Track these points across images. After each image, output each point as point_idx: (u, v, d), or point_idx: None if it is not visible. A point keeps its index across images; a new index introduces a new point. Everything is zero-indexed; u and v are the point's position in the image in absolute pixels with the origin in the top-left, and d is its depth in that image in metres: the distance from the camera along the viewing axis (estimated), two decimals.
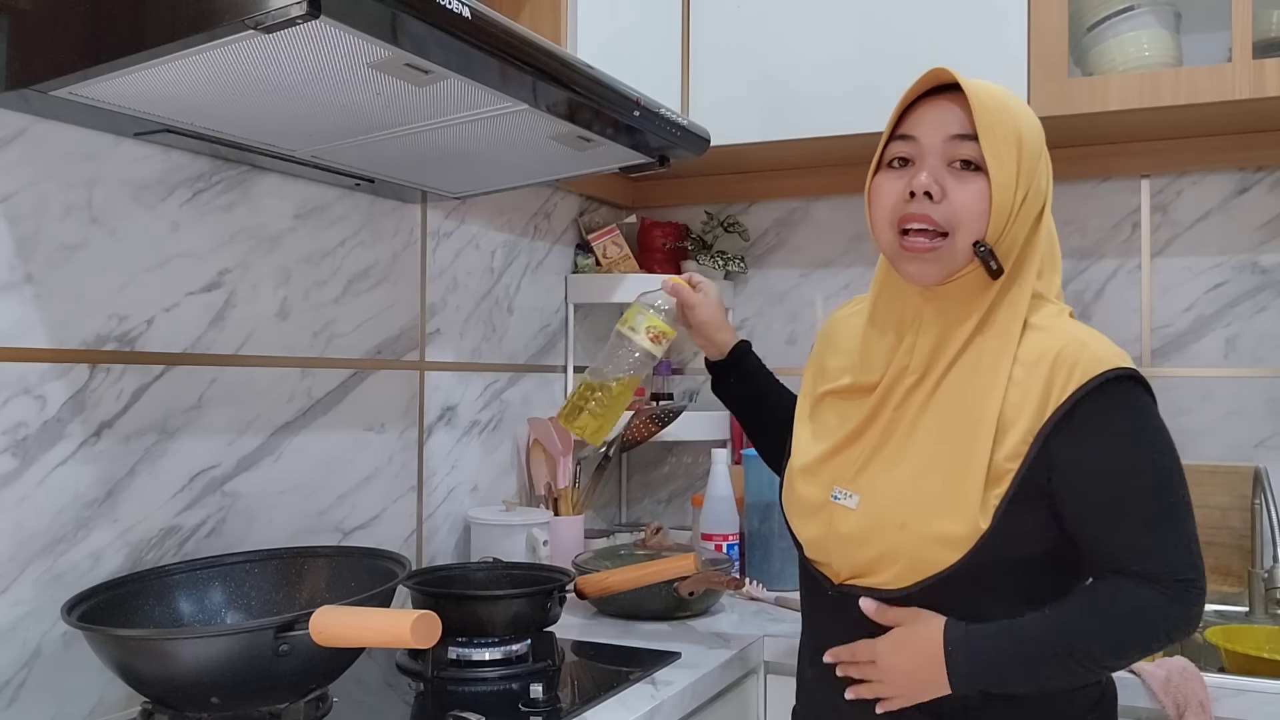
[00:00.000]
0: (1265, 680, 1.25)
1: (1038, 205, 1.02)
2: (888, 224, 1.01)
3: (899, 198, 1.00)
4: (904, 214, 0.99)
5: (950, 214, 0.97)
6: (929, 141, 0.99)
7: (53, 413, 1.09)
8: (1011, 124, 0.97)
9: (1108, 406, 0.95)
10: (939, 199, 0.97)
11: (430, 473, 1.64)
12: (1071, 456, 0.95)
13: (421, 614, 0.88)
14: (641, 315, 1.30)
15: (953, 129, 0.98)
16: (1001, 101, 0.98)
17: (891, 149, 1.02)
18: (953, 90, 1.00)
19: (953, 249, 0.98)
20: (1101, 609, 0.95)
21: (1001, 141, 0.96)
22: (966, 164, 0.98)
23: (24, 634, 1.06)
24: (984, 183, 0.97)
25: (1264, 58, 1.48)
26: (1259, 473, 1.66)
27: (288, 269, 1.37)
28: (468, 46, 0.93)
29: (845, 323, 1.18)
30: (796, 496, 1.11)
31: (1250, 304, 1.76)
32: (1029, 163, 0.99)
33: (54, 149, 1.09)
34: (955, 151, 0.98)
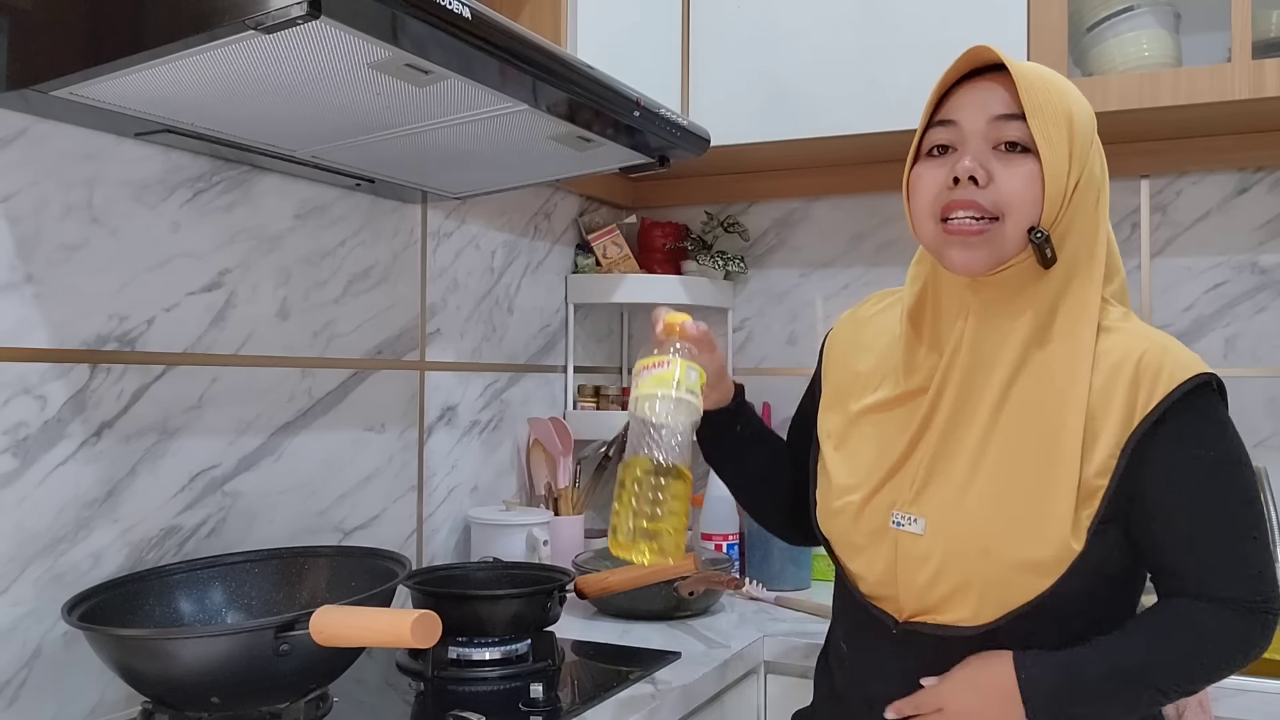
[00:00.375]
0: (1265, 680, 1.25)
1: (1093, 192, 0.93)
2: (929, 215, 0.93)
3: (941, 186, 0.92)
4: (948, 201, 0.91)
5: (998, 199, 0.90)
6: (971, 125, 0.91)
7: (53, 413, 1.09)
8: (1061, 103, 0.90)
9: (1196, 417, 0.89)
10: (985, 183, 0.89)
11: (430, 473, 1.64)
12: (1159, 472, 0.89)
13: (422, 614, 0.88)
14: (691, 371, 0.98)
15: (997, 109, 0.90)
16: (1049, 80, 0.91)
17: (930, 136, 0.95)
18: (993, 72, 0.93)
19: (1003, 234, 0.90)
20: (1188, 637, 0.89)
21: (1051, 121, 0.89)
22: (1013, 146, 0.90)
23: (24, 634, 1.06)
24: (1034, 165, 0.89)
25: (1263, 58, 1.48)
26: (1259, 473, 1.66)
27: (288, 269, 1.37)
28: (468, 46, 0.93)
29: (873, 321, 1.09)
30: (848, 525, 1.00)
31: (1250, 304, 1.76)
32: (1081, 145, 0.91)
33: (54, 149, 1.09)
34: (1000, 133, 0.90)
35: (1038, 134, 0.89)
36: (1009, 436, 0.91)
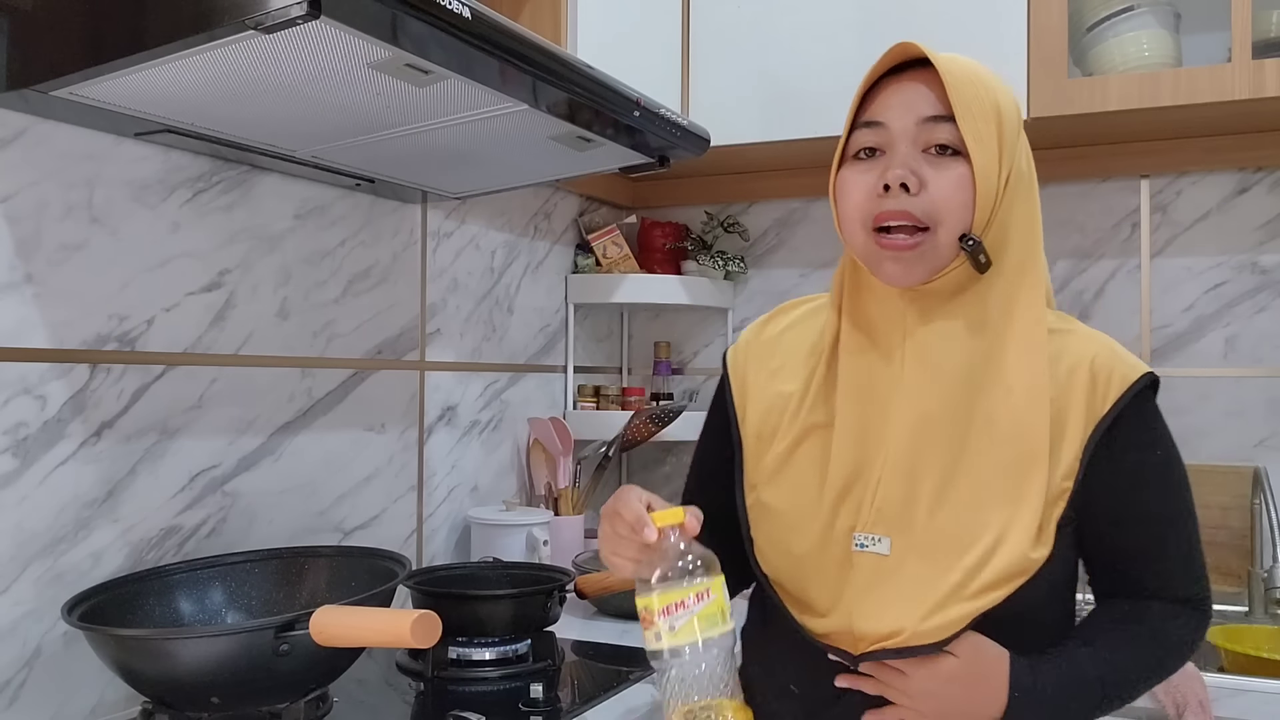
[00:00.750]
0: (1265, 680, 1.25)
1: (1022, 187, 0.90)
2: (860, 224, 0.89)
3: (870, 193, 0.88)
4: (880, 212, 0.87)
5: (931, 206, 0.86)
6: (899, 126, 0.87)
7: (53, 413, 1.09)
8: (989, 98, 0.87)
9: (1147, 418, 0.89)
10: (916, 190, 0.86)
11: (430, 473, 1.64)
12: (1117, 474, 0.88)
13: (421, 614, 0.88)
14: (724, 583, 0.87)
15: (925, 110, 0.87)
16: (975, 75, 0.87)
17: (857, 138, 0.90)
18: (919, 67, 0.89)
19: (935, 244, 0.86)
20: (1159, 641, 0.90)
21: (980, 119, 0.86)
22: (943, 148, 0.87)
23: (24, 634, 1.06)
24: (965, 168, 0.86)
25: (1263, 58, 1.48)
26: (1259, 473, 1.66)
27: (288, 269, 1.37)
28: (468, 46, 0.93)
29: (787, 337, 1.01)
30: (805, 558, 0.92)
31: (1250, 304, 1.76)
32: (1010, 140, 0.88)
33: (54, 149, 1.09)
34: (930, 136, 0.87)
35: (968, 136, 0.85)
36: (976, 446, 0.87)
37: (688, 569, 0.85)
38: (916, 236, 0.86)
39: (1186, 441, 1.78)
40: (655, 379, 2.15)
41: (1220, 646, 1.44)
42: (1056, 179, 1.87)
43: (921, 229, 0.87)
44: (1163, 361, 1.81)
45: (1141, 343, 1.83)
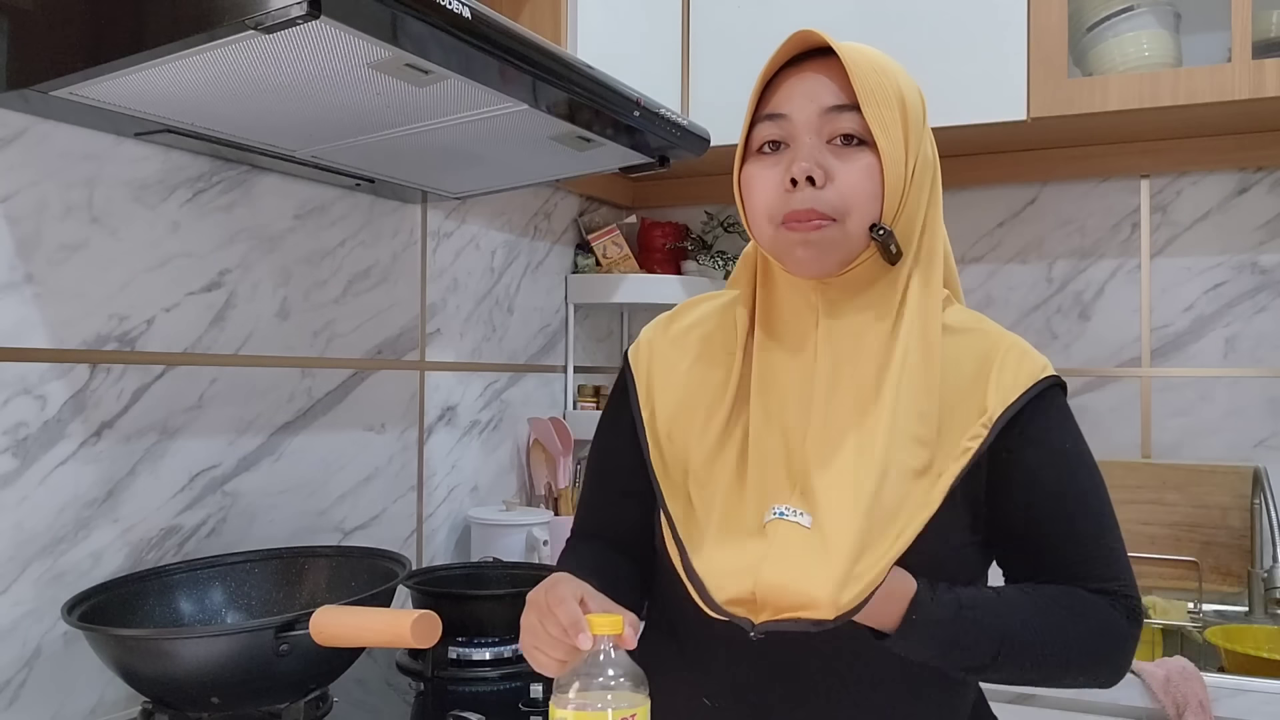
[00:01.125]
0: (1265, 680, 1.25)
1: (928, 176, 0.89)
2: (768, 220, 0.87)
3: (777, 188, 0.86)
4: (788, 211, 0.85)
5: (838, 199, 0.84)
6: (802, 118, 0.85)
7: (53, 413, 1.09)
8: (892, 86, 0.85)
9: (1052, 413, 0.88)
10: (823, 183, 0.84)
11: (430, 473, 1.64)
12: (1018, 463, 0.86)
13: (421, 614, 0.88)
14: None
15: (828, 100, 0.85)
16: (878, 63, 0.86)
17: (759, 132, 0.88)
18: (820, 56, 0.87)
19: (845, 234, 0.85)
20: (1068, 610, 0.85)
21: (885, 107, 0.84)
22: (848, 138, 0.85)
23: (24, 634, 1.06)
24: (871, 157, 0.84)
25: (1263, 58, 1.48)
26: (1258, 473, 1.66)
27: (288, 269, 1.37)
28: (468, 46, 0.93)
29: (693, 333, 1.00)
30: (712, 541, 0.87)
31: (1250, 304, 1.76)
32: (915, 127, 0.86)
33: (54, 149, 1.09)
34: (834, 126, 0.85)
35: (874, 124, 0.83)
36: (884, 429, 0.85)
37: (613, 685, 0.77)
38: (824, 222, 0.85)
39: (1187, 442, 1.78)
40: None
41: (1220, 646, 1.44)
42: (1056, 179, 1.87)
43: (830, 221, 0.85)
44: (1163, 361, 1.81)
45: (1141, 343, 1.83)
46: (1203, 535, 1.71)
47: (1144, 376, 1.82)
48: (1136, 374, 1.83)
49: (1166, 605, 1.61)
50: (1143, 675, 1.26)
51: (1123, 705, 1.28)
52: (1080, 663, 0.85)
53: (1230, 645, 1.43)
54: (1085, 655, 0.85)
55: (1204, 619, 1.62)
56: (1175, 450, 1.80)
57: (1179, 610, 1.60)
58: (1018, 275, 1.91)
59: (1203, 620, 1.61)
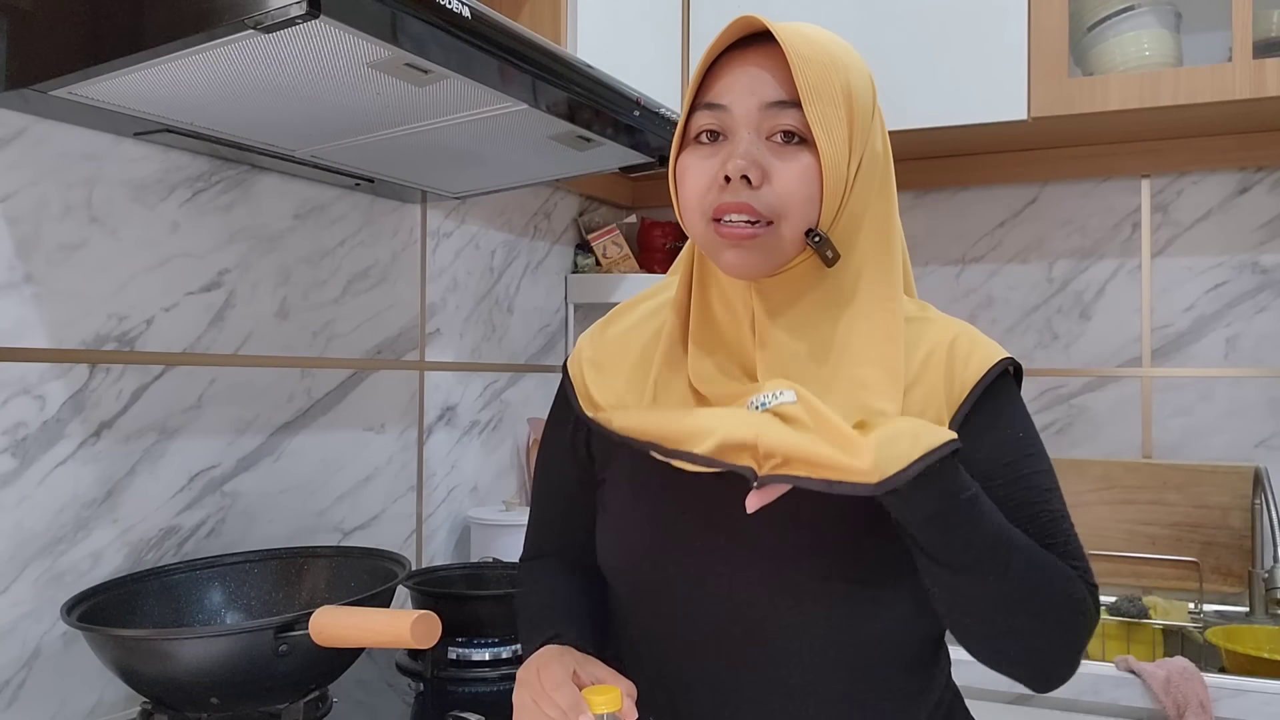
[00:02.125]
0: (1266, 680, 1.25)
1: (877, 172, 0.85)
2: (699, 213, 0.83)
3: (711, 181, 0.82)
4: (719, 204, 0.81)
5: (774, 200, 0.80)
6: (741, 111, 0.81)
7: (52, 413, 1.09)
8: (839, 79, 0.80)
9: (1005, 401, 0.86)
10: (759, 183, 0.80)
11: (430, 473, 1.64)
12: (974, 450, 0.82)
13: (421, 614, 0.88)
14: None
15: (769, 95, 0.80)
16: (824, 53, 0.80)
17: (697, 120, 0.83)
18: (763, 42, 0.82)
19: (778, 237, 0.81)
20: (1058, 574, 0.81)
21: (829, 104, 0.79)
22: (789, 136, 0.80)
23: (24, 634, 1.06)
24: (811, 157, 0.80)
25: (1264, 57, 1.48)
26: (1259, 473, 1.66)
27: (287, 269, 1.37)
28: (467, 46, 0.93)
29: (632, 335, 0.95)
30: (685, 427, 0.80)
31: (1250, 304, 1.76)
32: (861, 124, 0.82)
33: (54, 149, 1.09)
34: (774, 122, 0.80)
35: (814, 124, 0.79)
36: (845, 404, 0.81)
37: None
38: (757, 227, 0.81)
39: (1188, 441, 1.78)
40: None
41: (1220, 646, 1.44)
42: (1057, 178, 1.87)
43: (765, 222, 0.81)
44: (1163, 361, 1.81)
45: (1142, 343, 1.83)
46: (1203, 535, 1.71)
47: (1145, 376, 1.82)
48: (1137, 374, 1.83)
49: (1167, 605, 1.61)
50: (1143, 675, 1.26)
51: (1123, 705, 1.28)
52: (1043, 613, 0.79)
53: (1231, 645, 1.43)
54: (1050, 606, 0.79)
55: (1205, 619, 1.62)
56: (1176, 450, 1.80)
57: (1180, 610, 1.60)
58: (1018, 275, 1.91)
59: (1203, 620, 1.61)
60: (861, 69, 0.84)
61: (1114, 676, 1.28)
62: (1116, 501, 1.77)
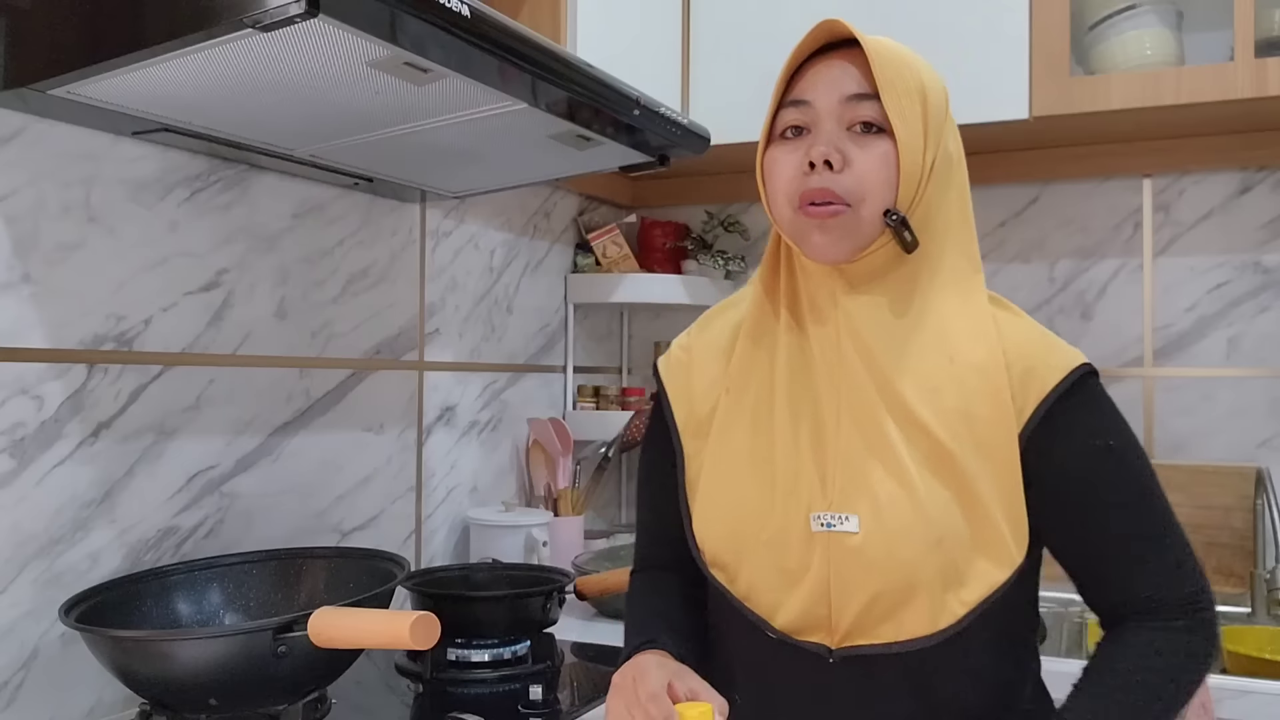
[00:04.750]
0: (1267, 681, 1.24)
1: (953, 172, 0.90)
2: (786, 199, 0.88)
3: (796, 171, 0.87)
4: (804, 190, 0.86)
5: (855, 183, 0.85)
6: (824, 105, 0.87)
7: (50, 413, 1.08)
8: (913, 78, 0.86)
9: (1087, 404, 0.85)
10: (840, 168, 0.85)
11: (429, 473, 1.63)
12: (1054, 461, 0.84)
13: (420, 615, 0.88)
14: None
15: (849, 88, 0.86)
16: (901, 55, 0.87)
17: (783, 117, 0.89)
18: (844, 47, 0.88)
19: (859, 219, 0.85)
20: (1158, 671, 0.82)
21: (905, 96, 0.85)
22: (868, 126, 0.86)
23: (22, 635, 1.05)
24: (889, 145, 0.85)
25: (1266, 57, 1.48)
26: (1261, 473, 1.66)
27: (286, 268, 1.37)
28: (467, 45, 0.92)
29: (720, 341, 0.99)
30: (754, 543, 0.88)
31: (1253, 304, 1.75)
32: (935, 121, 0.87)
33: (52, 148, 1.08)
34: (854, 113, 0.86)
35: (891, 111, 0.84)
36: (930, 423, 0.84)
37: None
38: (839, 206, 0.86)
39: (1189, 442, 1.78)
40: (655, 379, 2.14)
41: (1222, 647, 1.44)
42: (1058, 178, 1.87)
43: (845, 206, 0.86)
44: (1165, 361, 1.81)
45: (1144, 343, 1.82)
46: (1205, 536, 1.70)
47: (1146, 376, 1.82)
48: (1139, 374, 1.82)
49: None
50: None
51: None
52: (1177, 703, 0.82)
53: (1233, 646, 1.43)
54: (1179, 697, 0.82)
55: None
56: (1178, 450, 1.79)
57: None
58: (1020, 275, 1.91)
59: None
60: (936, 77, 0.90)
61: None
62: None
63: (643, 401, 2.03)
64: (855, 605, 0.83)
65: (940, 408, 0.84)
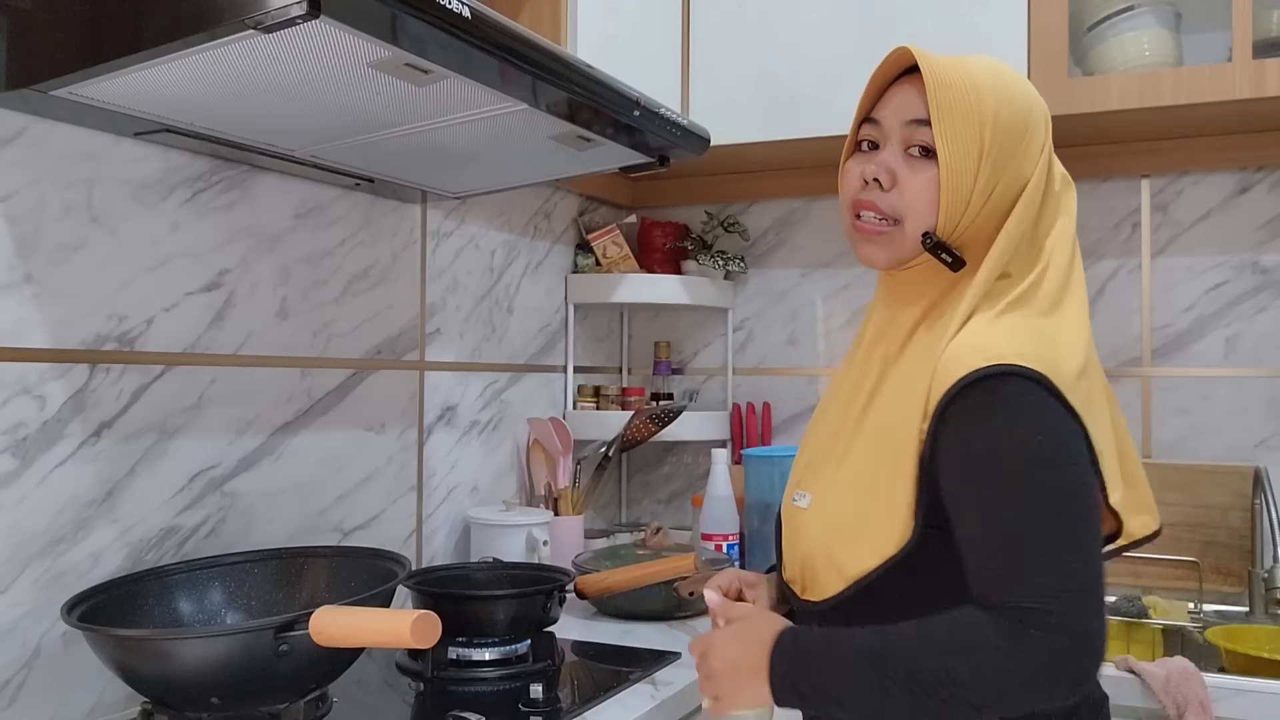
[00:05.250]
0: (1265, 680, 1.25)
1: (1030, 196, 0.92)
2: (847, 208, 0.98)
3: (857, 182, 0.96)
4: (855, 200, 0.96)
5: (899, 203, 0.93)
6: (890, 126, 0.94)
7: (52, 413, 1.09)
8: (975, 104, 0.89)
9: (970, 409, 0.84)
10: (889, 187, 0.93)
11: (430, 473, 1.64)
12: (945, 461, 0.86)
13: (421, 614, 0.88)
14: None
15: (911, 113, 0.92)
16: (969, 82, 0.90)
17: (861, 132, 0.98)
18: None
19: (902, 236, 0.94)
20: (933, 633, 0.82)
21: (959, 123, 0.89)
22: (924, 150, 0.92)
23: (24, 634, 1.06)
24: (937, 170, 0.91)
25: (1264, 57, 1.48)
26: (1259, 473, 1.66)
27: (287, 269, 1.37)
28: (467, 46, 0.93)
29: None
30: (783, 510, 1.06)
31: (1251, 304, 1.76)
32: (1000, 147, 0.90)
33: (54, 149, 1.09)
34: (912, 137, 0.93)
35: (939, 139, 0.90)
36: (878, 417, 0.94)
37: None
38: (883, 224, 0.95)
39: (1188, 442, 1.78)
40: (655, 379, 2.15)
41: (1220, 646, 1.44)
42: None
43: (891, 220, 0.94)
44: (1163, 361, 1.81)
45: (1142, 343, 1.83)
46: (1203, 535, 1.71)
47: (1145, 376, 1.82)
48: (1137, 374, 1.83)
49: (1167, 605, 1.61)
50: (1143, 675, 1.26)
51: (1123, 705, 1.28)
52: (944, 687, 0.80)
53: (1231, 645, 1.43)
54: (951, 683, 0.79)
55: (1204, 619, 1.62)
56: (1176, 450, 1.80)
57: (1179, 610, 1.60)
58: None
59: (1203, 620, 1.61)
60: (1013, 98, 0.92)
61: (1114, 676, 1.28)
62: None
63: (642, 401, 2.03)
64: (794, 569, 0.99)
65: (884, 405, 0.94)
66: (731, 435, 2.08)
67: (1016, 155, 0.91)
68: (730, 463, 1.97)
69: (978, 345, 0.86)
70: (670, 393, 2.13)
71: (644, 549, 1.69)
